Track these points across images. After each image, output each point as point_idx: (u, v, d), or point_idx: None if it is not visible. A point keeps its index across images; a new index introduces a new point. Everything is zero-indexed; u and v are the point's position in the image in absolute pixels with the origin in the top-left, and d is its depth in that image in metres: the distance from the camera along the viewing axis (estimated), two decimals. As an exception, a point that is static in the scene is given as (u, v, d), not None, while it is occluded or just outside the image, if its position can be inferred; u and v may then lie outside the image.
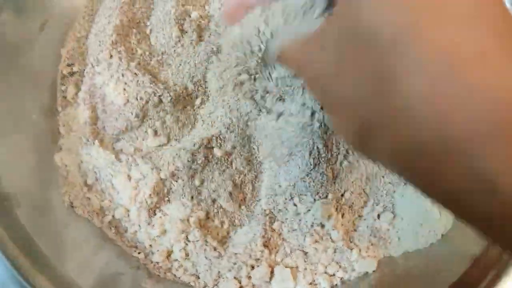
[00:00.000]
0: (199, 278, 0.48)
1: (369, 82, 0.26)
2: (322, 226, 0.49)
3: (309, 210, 0.48)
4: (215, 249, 0.48)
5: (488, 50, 0.22)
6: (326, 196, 0.49)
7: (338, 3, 0.29)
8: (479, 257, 0.46)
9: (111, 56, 0.51)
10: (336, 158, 0.48)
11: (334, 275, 0.49)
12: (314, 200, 0.48)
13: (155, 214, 0.48)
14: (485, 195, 0.22)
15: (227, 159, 0.49)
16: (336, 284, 0.48)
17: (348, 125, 0.29)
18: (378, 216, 0.50)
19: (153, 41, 0.53)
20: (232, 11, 0.38)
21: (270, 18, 0.35)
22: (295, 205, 0.48)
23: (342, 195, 0.49)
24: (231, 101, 0.49)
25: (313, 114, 0.42)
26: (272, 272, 0.48)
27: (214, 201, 0.49)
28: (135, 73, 0.50)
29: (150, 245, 0.48)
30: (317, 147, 0.47)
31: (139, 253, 0.48)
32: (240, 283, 0.47)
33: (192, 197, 0.48)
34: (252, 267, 0.48)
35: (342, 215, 0.49)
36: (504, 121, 0.21)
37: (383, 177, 0.50)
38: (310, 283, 0.48)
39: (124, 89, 0.49)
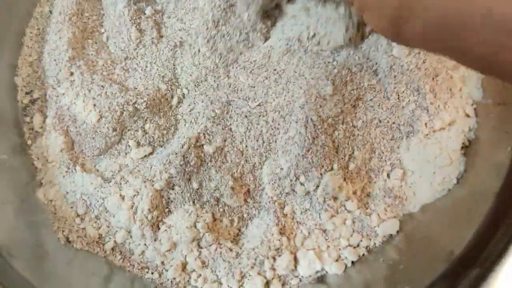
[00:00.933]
0: (221, 284, 0.45)
1: None
2: (335, 199, 0.46)
3: (318, 186, 0.46)
4: (230, 249, 0.45)
5: None
6: (332, 168, 0.46)
7: None
8: (500, 192, 0.45)
9: (71, 73, 0.47)
10: (334, 127, 0.46)
11: (358, 245, 0.46)
12: (321, 174, 0.45)
13: (159, 229, 0.45)
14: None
15: (220, 153, 0.46)
16: (363, 254, 0.46)
17: (381, 14, 0.32)
18: (388, 175, 0.48)
19: (113, 48, 0.49)
20: None
21: None
22: (302, 184, 0.46)
23: (348, 163, 0.47)
24: (209, 92, 0.46)
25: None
26: (295, 259, 0.45)
27: (217, 200, 0.46)
28: (102, 85, 0.46)
29: (162, 262, 0.45)
30: (311, 119, 0.44)
31: (152, 273, 0.45)
32: (265, 277, 0.44)
33: (194, 202, 0.45)
34: (274, 258, 0.45)
35: (352, 183, 0.47)
36: None
37: (383, 136, 0.48)
38: (337, 260, 0.45)
39: (94, 105, 0.45)
